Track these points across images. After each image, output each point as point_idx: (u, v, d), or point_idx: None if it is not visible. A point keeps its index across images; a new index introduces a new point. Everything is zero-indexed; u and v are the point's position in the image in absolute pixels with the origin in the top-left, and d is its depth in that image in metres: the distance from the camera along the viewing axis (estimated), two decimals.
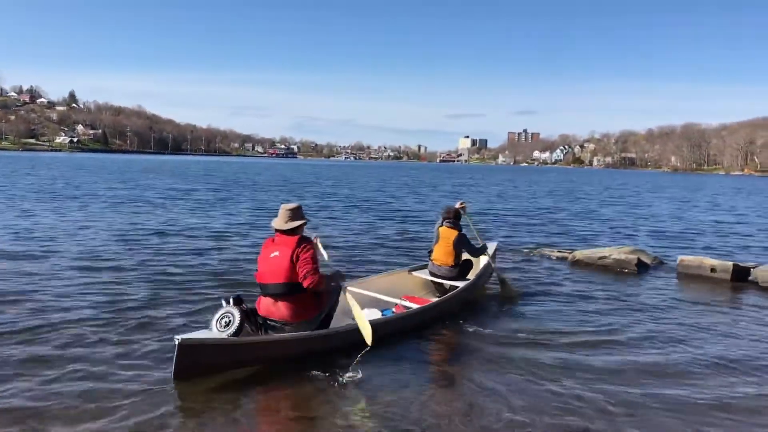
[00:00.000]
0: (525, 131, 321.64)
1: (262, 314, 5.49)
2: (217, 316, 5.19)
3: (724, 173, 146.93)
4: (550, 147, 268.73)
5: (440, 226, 8.05)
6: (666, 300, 8.49)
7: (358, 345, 5.70)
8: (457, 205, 8.37)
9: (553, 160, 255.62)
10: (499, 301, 8.02)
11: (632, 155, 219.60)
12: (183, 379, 4.79)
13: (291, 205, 5.65)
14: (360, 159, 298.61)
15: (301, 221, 5.61)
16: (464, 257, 8.01)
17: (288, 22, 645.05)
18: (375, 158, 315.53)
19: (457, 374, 5.34)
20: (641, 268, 10.54)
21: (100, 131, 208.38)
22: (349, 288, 6.52)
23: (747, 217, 23.30)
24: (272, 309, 5.45)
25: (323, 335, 5.56)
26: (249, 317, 5.33)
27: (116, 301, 7.13)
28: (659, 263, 11.29)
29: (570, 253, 11.62)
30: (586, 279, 9.81)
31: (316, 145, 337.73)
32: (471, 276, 7.98)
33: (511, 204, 27.18)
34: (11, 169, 43.35)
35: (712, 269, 9.98)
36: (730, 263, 10.00)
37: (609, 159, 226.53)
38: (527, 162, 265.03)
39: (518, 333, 6.53)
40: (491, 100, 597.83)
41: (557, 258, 11.63)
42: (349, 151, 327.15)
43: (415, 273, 8.24)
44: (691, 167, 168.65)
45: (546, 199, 31.21)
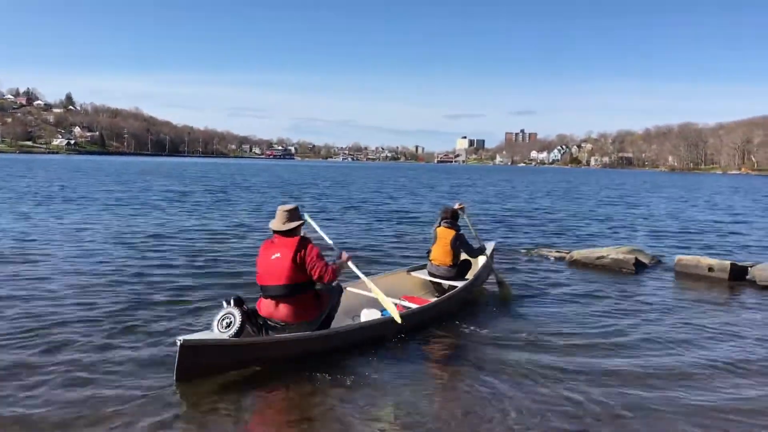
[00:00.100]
0: (522, 131, 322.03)
1: (263, 315, 5.50)
2: (218, 317, 5.21)
3: (722, 172, 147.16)
4: (548, 147, 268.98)
5: (438, 227, 8.07)
6: (664, 299, 8.52)
7: (359, 345, 5.74)
8: (456, 206, 8.38)
9: (551, 160, 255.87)
10: (498, 302, 8.04)
11: (629, 155, 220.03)
12: (185, 380, 4.79)
13: (288, 207, 5.66)
14: (357, 160, 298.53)
15: (299, 222, 5.63)
16: (463, 257, 8.03)
17: (286, 23, 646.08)
18: (372, 159, 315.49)
19: (456, 375, 5.36)
20: (639, 268, 10.56)
21: (97, 133, 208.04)
22: (349, 288, 6.58)
23: (744, 216, 23.35)
24: (273, 310, 5.46)
25: (324, 335, 5.57)
26: (250, 318, 5.34)
27: (115, 304, 7.12)
28: (657, 263, 11.32)
29: (568, 253, 11.63)
30: (584, 279, 9.83)
31: (314, 146, 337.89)
32: (470, 276, 8.00)
33: (509, 204, 27.20)
34: (7, 172, 43.24)
35: (710, 268, 10.00)
36: (728, 262, 10.02)
37: (606, 159, 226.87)
38: (525, 162, 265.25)
39: (516, 333, 6.54)
40: (489, 101, 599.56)
41: (555, 258, 11.65)
42: (347, 152, 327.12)
43: (414, 273, 8.25)
44: (689, 167, 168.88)
45: (544, 199, 31.24)
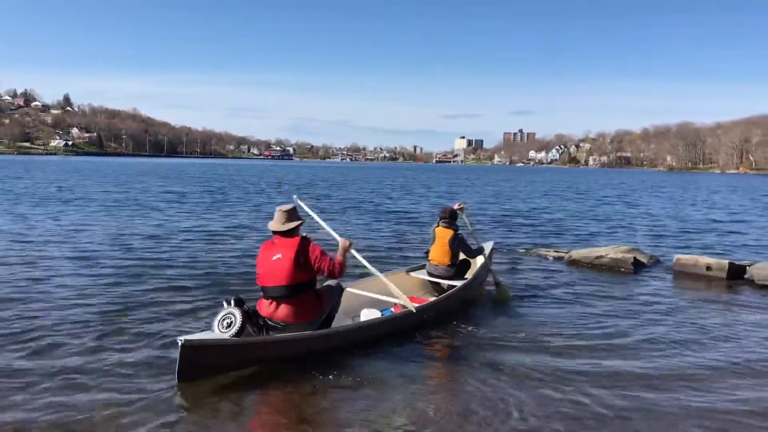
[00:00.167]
0: (521, 131, 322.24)
1: (264, 316, 5.50)
2: (219, 317, 5.21)
3: (720, 172, 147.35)
4: (546, 147, 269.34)
5: (436, 227, 8.08)
6: (662, 299, 8.52)
7: (359, 344, 5.77)
8: (456, 207, 8.39)
9: (549, 160, 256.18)
10: (496, 302, 8.03)
11: (628, 154, 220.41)
12: (187, 381, 4.79)
13: (286, 207, 5.67)
14: (356, 160, 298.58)
15: (298, 222, 5.64)
16: (462, 257, 8.04)
17: (284, 23, 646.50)
18: (371, 159, 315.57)
19: (455, 375, 5.37)
20: (638, 267, 10.57)
21: (95, 134, 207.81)
22: (348, 289, 6.59)
23: (742, 216, 23.39)
24: (274, 311, 5.46)
25: (325, 335, 5.59)
26: (250, 318, 5.34)
27: (114, 306, 7.10)
28: (656, 262, 11.33)
29: (566, 253, 11.64)
30: (583, 279, 9.84)
31: (312, 147, 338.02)
32: (469, 275, 8.02)
33: (507, 204, 27.21)
34: (4, 173, 43.16)
35: (708, 268, 10.01)
36: (726, 261, 10.03)
37: (605, 158, 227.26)
38: (523, 162, 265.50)
39: (515, 333, 6.54)
40: (487, 101, 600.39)
41: (554, 258, 11.65)
42: (345, 153, 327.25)
43: (413, 273, 8.26)
44: (687, 166, 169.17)
45: (542, 199, 31.26)
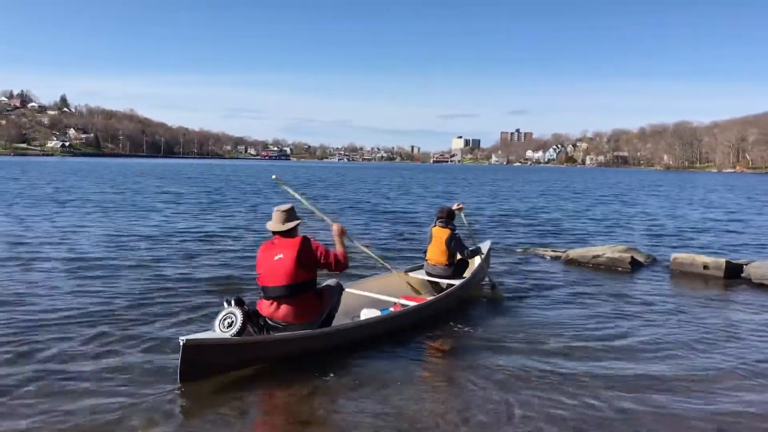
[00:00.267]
0: (518, 131, 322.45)
1: (265, 315, 5.51)
2: (220, 317, 5.22)
3: (716, 171, 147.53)
4: (543, 146, 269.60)
5: (434, 226, 8.11)
6: (660, 298, 8.54)
7: (360, 343, 5.81)
8: (455, 207, 8.42)
9: (546, 160, 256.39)
10: (494, 302, 8.04)
11: (625, 154, 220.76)
12: (188, 380, 4.80)
13: (284, 207, 5.68)
14: (353, 160, 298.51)
15: (297, 221, 5.66)
16: (459, 256, 8.06)
17: (282, 24, 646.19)
18: (368, 159, 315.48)
19: (454, 375, 5.38)
20: (635, 267, 10.60)
21: (92, 135, 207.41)
22: (348, 290, 6.62)
23: (739, 215, 23.44)
24: (275, 310, 5.48)
25: (325, 334, 5.62)
26: (251, 318, 5.35)
27: (112, 307, 7.09)
28: (653, 261, 11.34)
29: (564, 252, 11.67)
30: (580, 278, 9.86)
31: (309, 147, 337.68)
32: (467, 275, 8.05)
33: (505, 203, 27.25)
34: (0, 175, 43.04)
35: (705, 266, 10.03)
36: (723, 260, 10.05)
37: (602, 158, 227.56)
38: (520, 162, 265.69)
39: (513, 333, 6.55)
40: (484, 101, 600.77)
41: (551, 257, 11.68)
42: (343, 153, 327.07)
43: (412, 273, 8.30)
44: (684, 165, 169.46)
45: (539, 199, 31.30)
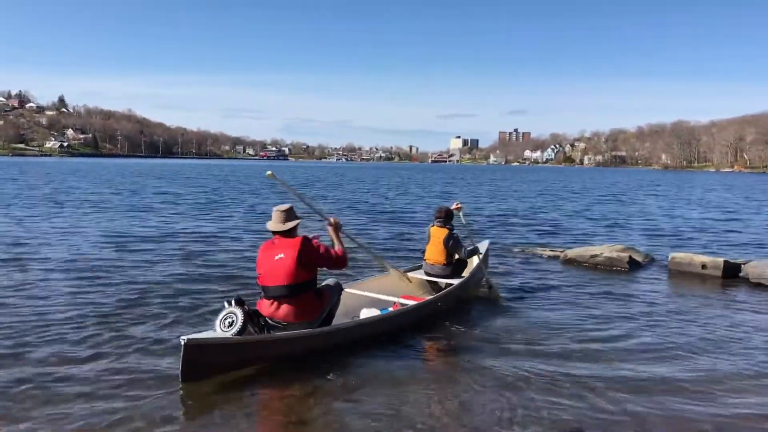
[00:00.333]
0: (516, 131, 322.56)
1: (265, 315, 5.53)
2: (221, 317, 5.23)
3: (714, 170, 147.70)
4: (541, 146, 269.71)
5: (432, 226, 8.13)
6: (658, 297, 8.57)
7: (360, 342, 5.86)
8: (453, 207, 8.43)
9: (544, 160, 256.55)
10: (492, 302, 8.05)
11: (623, 153, 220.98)
12: (190, 380, 4.81)
13: (283, 207, 5.69)
14: (352, 160, 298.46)
15: (297, 220, 5.68)
16: (458, 256, 8.07)
17: (280, 24, 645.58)
18: (367, 159, 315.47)
19: (452, 375, 5.39)
20: (633, 266, 10.60)
21: (90, 135, 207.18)
22: (347, 290, 6.65)
23: (737, 214, 23.48)
24: (275, 310, 5.50)
25: (326, 333, 5.65)
26: (251, 318, 5.36)
27: (111, 308, 7.09)
28: (651, 261, 11.36)
29: (562, 252, 11.69)
30: (578, 278, 9.87)
31: (308, 147, 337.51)
32: (466, 274, 8.07)
33: (503, 203, 27.28)
34: None
35: (703, 266, 10.04)
36: (721, 260, 10.05)
37: (600, 157, 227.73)
38: (518, 161, 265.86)
39: (511, 334, 6.56)
40: (482, 100, 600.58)
41: (549, 257, 11.70)
42: (341, 153, 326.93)
43: (411, 273, 8.31)
44: (682, 165, 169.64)
45: (537, 198, 31.33)
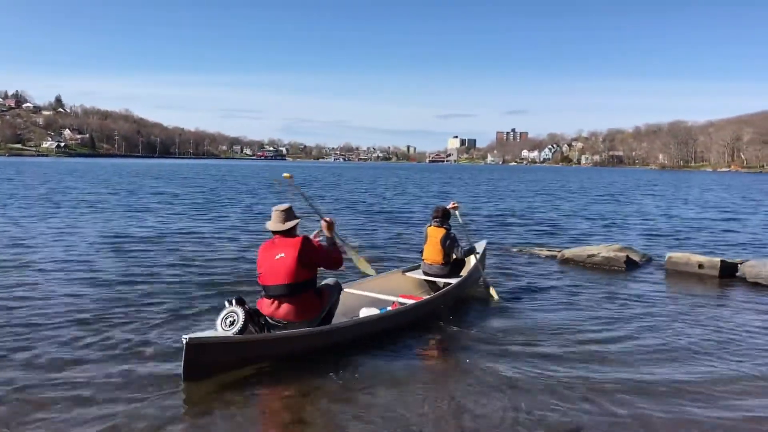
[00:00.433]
0: (513, 131, 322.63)
1: (266, 314, 5.55)
2: (222, 316, 5.25)
3: (711, 170, 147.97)
4: (539, 146, 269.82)
5: (429, 226, 8.15)
6: (654, 297, 8.59)
7: (359, 341, 5.89)
8: (450, 206, 8.44)
9: (542, 159, 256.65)
10: (489, 302, 8.05)
11: (620, 153, 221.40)
12: (192, 379, 4.83)
13: (283, 207, 5.71)
14: (349, 160, 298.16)
15: (297, 220, 5.71)
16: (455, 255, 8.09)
17: (278, 24, 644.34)
18: (364, 159, 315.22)
19: (450, 375, 5.41)
20: (630, 266, 10.63)
21: (87, 135, 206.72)
22: (346, 289, 6.67)
23: (734, 214, 23.53)
24: (276, 309, 5.52)
25: (326, 331, 5.68)
26: (252, 318, 5.38)
27: (110, 308, 7.09)
28: (648, 260, 11.38)
29: (559, 252, 11.71)
30: (576, 277, 9.90)
31: (305, 147, 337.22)
32: (464, 273, 8.09)
33: (500, 203, 27.31)
34: None
35: (700, 266, 10.06)
36: (718, 259, 10.07)
37: (597, 157, 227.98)
38: (516, 161, 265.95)
39: (508, 333, 6.57)
40: (480, 101, 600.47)
41: (546, 257, 11.72)
42: (338, 153, 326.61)
43: (409, 273, 8.35)
44: (679, 164, 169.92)
45: (535, 198, 31.36)
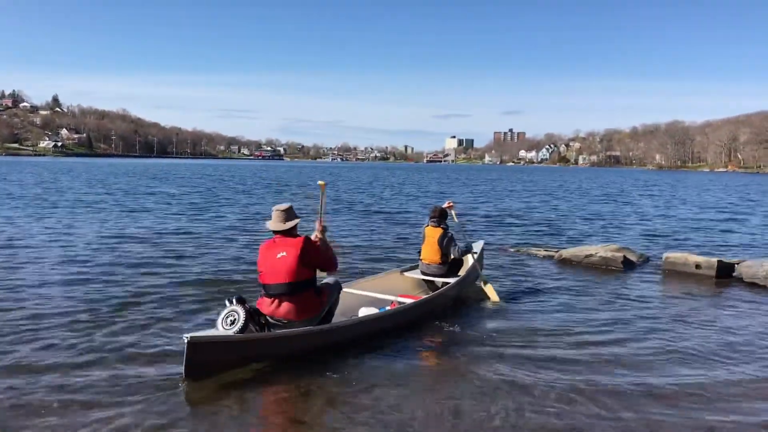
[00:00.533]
0: (511, 131, 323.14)
1: (266, 314, 5.56)
2: (223, 315, 5.27)
3: (709, 170, 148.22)
4: (536, 146, 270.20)
5: (426, 226, 8.18)
6: (651, 297, 8.61)
7: (360, 339, 5.94)
8: (445, 205, 8.48)
9: (539, 159, 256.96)
10: (487, 302, 8.03)
11: (617, 153, 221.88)
12: (193, 378, 4.86)
13: (283, 206, 5.72)
14: (347, 160, 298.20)
15: (297, 220, 5.73)
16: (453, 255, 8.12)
17: (275, 23, 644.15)
18: (362, 159, 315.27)
19: (449, 375, 5.42)
20: (627, 266, 10.64)
21: (85, 135, 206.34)
22: (345, 289, 6.69)
23: (731, 214, 23.59)
24: (276, 308, 5.53)
25: (326, 330, 5.70)
26: (252, 317, 5.40)
27: (110, 308, 7.10)
28: (645, 260, 11.39)
29: (556, 252, 11.73)
30: (573, 277, 9.91)
31: (303, 147, 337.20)
32: (462, 273, 8.11)
33: (498, 203, 27.33)
34: None
35: (697, 266, 10.07)
36: (715, 260, 10.08)
37: (594, 157, 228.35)
38: (513, 161, 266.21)
39: (505, 333, 6.58)
40: (478, 101, 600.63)
41: (544, 257, 11.74)
42: (336, 153, 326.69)
43: (407, 273, 8.37)
44: (676, 165, 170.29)
45: (532, 198, 31.39)
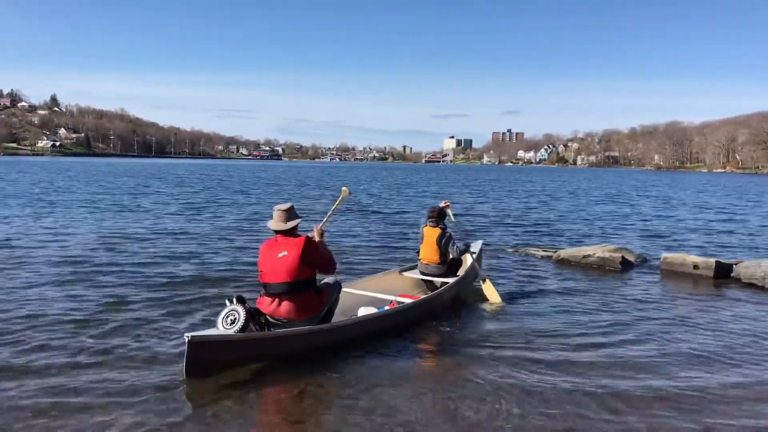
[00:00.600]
0: (509, 131, 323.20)
1: (266, 313, 5.57)
2: (223, 314, 5.28)
3: (707, 171, 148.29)
4: (535, 147, 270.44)
5: (425, 226, 8.20)
6: (650, 297, 8.63)
7: (360, 339, 5.94)
8: (442, 205, 8.50)
9: (538, 160, 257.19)
10: (486, 302, 8.03)
11: (615, 154, 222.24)
12: (194, 377, 4.87)
13: (284, 206, 5.73)
14: (345, 160, 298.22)
15: (298, 219, 5.74)
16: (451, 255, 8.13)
17: (273, 23, 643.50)
18: (360, 159, 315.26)
19: (448, 375, 5.44)
20: (625, 266, 10.66)
21: (83, 135, 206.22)
22: (345, 289, 6.70)
23: (729, 215, 23.62)
24: (276, 307, 5.54)
25: (326, 330, 5.71)
26: (253, 316, 5.41)
27: (110, 307, 7.12)
28: (643, 261, 11.41)
29: (555, 252, 11.74)
30: (571, 278, 9.93)
31: (301, 147, 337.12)
32: (461, 273, 8.13)
33: (497, 203, 27.34)
34: None
35: (695, 266, 10.09)
36: (713, 260, 10.10)
37: (593, 158, 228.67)
38: (512, 162, 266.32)
39: (504, 333, 6.60)
40: (476, 101, 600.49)
41: (542, 257, 11.75)
42: (335, 153, 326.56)
43: (406, 273, 8.39)
44: (674, 165, 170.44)
45: (530, 199, 31.42)
